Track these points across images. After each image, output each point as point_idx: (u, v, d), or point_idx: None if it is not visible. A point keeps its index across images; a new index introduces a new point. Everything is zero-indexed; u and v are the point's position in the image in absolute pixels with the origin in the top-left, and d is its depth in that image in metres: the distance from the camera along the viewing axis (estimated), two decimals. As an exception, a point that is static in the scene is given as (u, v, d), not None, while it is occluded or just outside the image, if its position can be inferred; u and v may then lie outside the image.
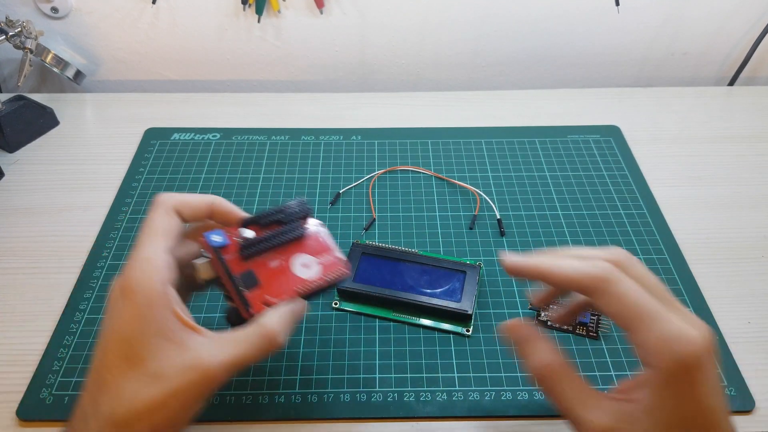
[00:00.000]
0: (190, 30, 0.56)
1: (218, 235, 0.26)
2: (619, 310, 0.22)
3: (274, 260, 0.27)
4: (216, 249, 0.26)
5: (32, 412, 0.31)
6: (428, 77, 0.60)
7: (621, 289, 0.22)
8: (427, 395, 0.32)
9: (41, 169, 0.47)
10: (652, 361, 0.22)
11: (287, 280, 0.26)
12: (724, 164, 0.48)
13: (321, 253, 0.27)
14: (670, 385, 0.21)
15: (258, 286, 0.26)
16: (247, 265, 0.26)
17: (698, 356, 0.21)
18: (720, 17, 0.57)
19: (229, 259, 0.26)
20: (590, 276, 0.23)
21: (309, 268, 0.27)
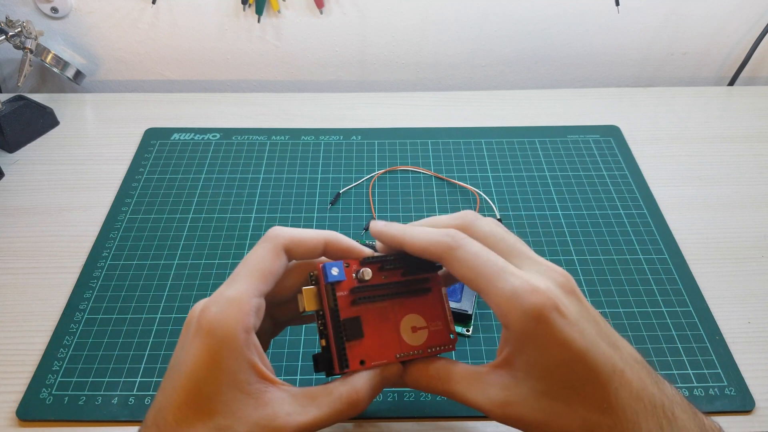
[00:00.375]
0: (190, 30, 0.56)
1: (337, 268, 0.23)
2: (466, 275, 0.22)
3: (386, 314, 0.24)
4: (332, 284, 0.23)
5: (32, 412, 0.31)
6: (428, 77, 0.60)
7: (464, 254, 0.22)
8: (427, 395, 0.32)
9: (41, 169, 0.47)
10: (505, 321, 0.22)
11: (391, 341, 0.24)
12: (724, 164, 0.48)
13: (434, 319, 0.24)
14: (528, 340, 0.21)
15: (360, 339, 0.23)
16: (355, 310, 0.23)
17: (544, 304, 0.21)
18: (720, 17, 0.57)
19: (339, 297, 0.23)
20: (436, 243, 0.23)
21: (417, 333, 0.24)
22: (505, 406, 0.22)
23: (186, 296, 0.37)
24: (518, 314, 0.21)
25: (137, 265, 0.39)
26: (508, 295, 0.21)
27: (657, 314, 0.36)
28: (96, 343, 0.35)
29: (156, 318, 0.36)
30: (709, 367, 0.34)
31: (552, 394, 0.21)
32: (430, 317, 0.24)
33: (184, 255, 0.40)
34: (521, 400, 0.22)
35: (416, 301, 0.24)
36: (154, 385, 0.32)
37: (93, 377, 0.33)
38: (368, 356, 0.23)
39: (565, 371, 0.21)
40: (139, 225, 0.42)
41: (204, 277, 0.38)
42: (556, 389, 0.21)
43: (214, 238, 0.41)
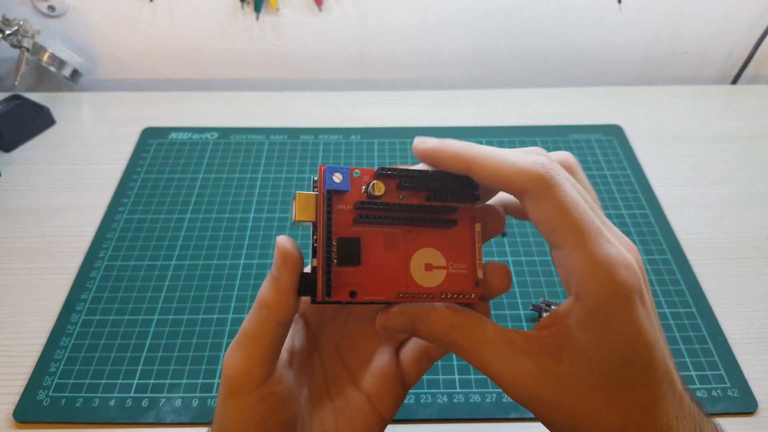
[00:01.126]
0: (188, 28, 0.56)
1: (341, 174, 0.19)
2: (553, 222, 0.18)
3: (395, 242, 0.19)
4: (329, 191, 0.19)
5: (29, 413, 0.31)
6: (428, 76, 0.60)
7: (561, 195, 0.18)
8: (427, 397, 0.32)
9: (38, 168, 0.47)
10: (582, 290, 0.18)
11: (396, 275, 0.19)
12: (727, 163, 0.47)
13: (457, 260, 0.20)
14: (601, 318, 0.18)
15: (356, 267, 0.19)
16: (356, 230, 0.19)
17: (634, 285, 0.17)
18: (722, 16, 0.56)
19: (338, 211, 0.19)
20: (527, 171, 0.18)
21: (432, 272, 0.19)
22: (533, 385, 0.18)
23: (183, 297, 0.37)
24: (603, 286, 0.17)
25: (134, 266, 0.39)
26: (601, 262, 0.17)
27: (660, 315, 0.36)
28: (93, 344, 0.34)
29: (153, 319, 0.36)
30: (711, 368, 0.33)
31: (598, 383, 0.18)
32: (452, 256, 0.20)
33: (182, 255, 0.39)
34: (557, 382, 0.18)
35: (438, 234, 0.19)
36: (151, 387, 0.32)
37: (90, 379, 0.33)
38: (362, 288, 0.19)
39: (625, 362, 0.18)
40: (136, 225, 0.42)
41: (202, 278, 0.38)
42: (605, 379, 0.18)
43: (212, 239, 0.41)
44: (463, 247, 0.20)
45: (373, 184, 0.19)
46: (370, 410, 0.22)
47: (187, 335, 0.35)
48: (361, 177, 0.19)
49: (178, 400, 0.32)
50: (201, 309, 0.36)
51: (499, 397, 0.32)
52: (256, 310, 0.20)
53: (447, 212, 0.20)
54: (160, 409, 0.31)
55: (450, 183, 0.19)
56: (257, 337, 0.20)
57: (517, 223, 0.42)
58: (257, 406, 0.20)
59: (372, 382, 0.23)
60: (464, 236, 0.20)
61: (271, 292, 0.19)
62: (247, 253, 0.40)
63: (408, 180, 0.19)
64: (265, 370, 0.20)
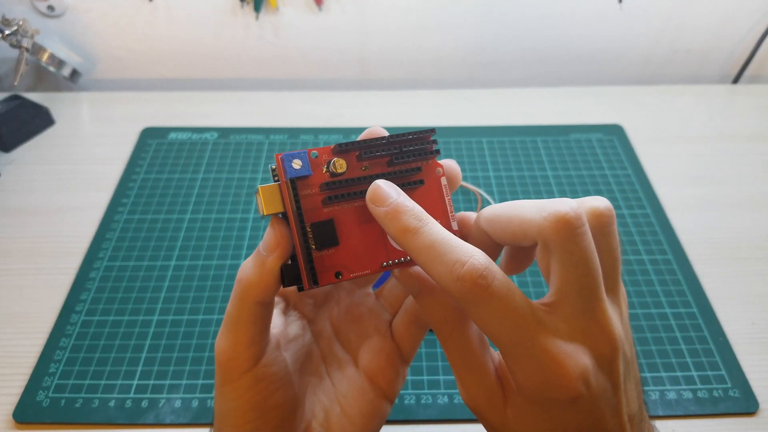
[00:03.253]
0: (187, 28, 0.55)
1: (299, 160, 0.18)
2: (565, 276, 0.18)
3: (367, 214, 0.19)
4: (292, 180, 0.18)
5: (29, 414, 0.31)
6: (428, 75, 0.60)
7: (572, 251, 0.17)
8: (428, 398, 0.32)
9: (37, 169, 0.47)
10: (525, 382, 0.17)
11: (375, 247, 0.19)
12: (729, 163, 0.47)
13: (431, 214, 0.19)
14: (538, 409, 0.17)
15: (335, 248, 0.19)
16: (327, 211, 0.19)
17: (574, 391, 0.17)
18: (723, 14, 0.56)
19: (305, 196, 0.18)
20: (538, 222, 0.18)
21: None
22: (483, 409, 0.19)
23: (183, 297, 0.37)
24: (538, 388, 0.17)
25: (134, 266, 0.39)
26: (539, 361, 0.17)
27: (661, 315, 0.36)
28: (93, 345, 0.34)
29: (153, 320, 0.35)
30: (713, 368, 0.33)
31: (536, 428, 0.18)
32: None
33: (182, 255, 0.39)
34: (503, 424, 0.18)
35: (408, 195, 0.19)
36: (150, 388, 0.32)
37: (90, 379, 0.32)
38: (346, 267, 0.19)
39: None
40: (136, 225, 0.42)
41: (201, 278, 0.38)
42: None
43: (211, 239, 0.41)
44: (434, 203, 0.20)
45: (334, 162, 0.19)
46: (371, 389, 0.22)
47: (186, 336, 0.35)
48: (320, 157, 0.19)
49: (178, 401, 0.32)
50: (201, 309, 0.36)
51: (499, 398, 0.32)
52: (236, 291, 0.20)
53: (412, 173, 0.20)
54: (160, 410, 0.31)
55: (409, 144, 0.20)
56: (240, 319, 0.20)
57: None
58: (251, 389, 0.20)
59: (370, 358, 0.23)
60: (433, 192, 0.20)
61: (255, 270, 0.19)
62: (247, 253, 0.40)
63: (367, 150, 0.19)
64: (254, 351, 0.20)
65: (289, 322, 0.23)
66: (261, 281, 0.19)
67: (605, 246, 0.18)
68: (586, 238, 0.17)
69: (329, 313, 0.24)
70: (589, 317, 0.17)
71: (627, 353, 0.18)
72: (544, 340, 0.17)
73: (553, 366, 0.17)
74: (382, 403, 0.23)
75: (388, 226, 0.18)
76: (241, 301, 0.20)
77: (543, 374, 0.17)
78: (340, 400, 0.23)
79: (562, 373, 0.17)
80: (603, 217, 0.18)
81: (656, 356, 0.34)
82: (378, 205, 0.18)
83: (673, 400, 0.32)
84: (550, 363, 0.17)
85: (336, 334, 0.24)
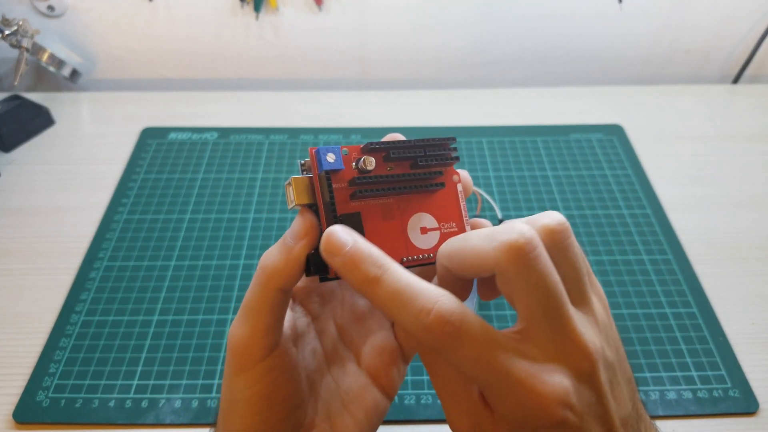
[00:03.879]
0: (187, 28, 0.55)
1: (333, 154, 0.19)
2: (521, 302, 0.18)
3: (391, 211, 0.20)
4: (327, 173, 0.19)
5: (29, 414, 0.31)
6: (428, 75, 0.60)
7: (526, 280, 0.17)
8: (428, 398, 0.32)
9: (37, 169, 0.47)
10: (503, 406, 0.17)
11: (397, 243, 0.20)
12: (728, 163, 0.47)
13: (447, 220, 0.21)
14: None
15: None
16: (354, 205, 0.20)
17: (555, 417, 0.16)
18: (723, 14, 0.56)
19: (336, 189, 0.20)
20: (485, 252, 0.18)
21: (427, 234, 0.21)
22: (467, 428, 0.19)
23: (183, 297, 0.37)
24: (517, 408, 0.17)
25: (134, 266, 0.39)
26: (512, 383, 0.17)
27: (660, 315, 0.36)
28: (93, 345, 0.34)
29: (153, 320, 0.35)
30: (713, 368, 0.33)
31: None
32: (442, 217, 0.21)
33: (182, 255, 0.39)
34: None
35: (427, 199, 0.21)
36: (150, 388, 0.32)
37: (90, 379, 0.32)
38: None
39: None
40: (136, 225, 0.42)
41: (202, 278, 0.38)
42: None
43: (211, 239, 0.41)
44: (450, 207, 0.21)
45: (364, 159, 0.20)
46: (373, 387, 0.23)
47: (186, 336, 0.35)
48: (350, 154, 0.20)
49: (178, 401, 0.32)
50: (201, 309, 0.36)
51: (499, 398, 0.32)
52: (259, 278, 0.20)
53: (434, 177, 0.21)
54: (160, 410, 0.31)
55: (432, 149, 0.21)
56: (260, 306, 0.20)
57: (517, 223, 0.42)
58: (263, 379, 0.20)
59: (372, 357, 0.23)
60: (450, 197, 0.21)
61: (281, 257, 0.19)
62: (247, 253, 0.40)
63: (395, 151, 0.20)
64: (270, 340, 0.20)
65: (295, 318, 0.23)
66: (286, 268, 0.19)
67: (564, 260, 0.18)
68: (541, 260, 0.17)
69: (333, 311, 0.24)
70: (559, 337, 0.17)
71: (609, 358, 0.18)
72: (518, 370, 0.17)
73: (531, 395, 0.17)
74: (382, 399, 0.23)
75: (348, 278, 0.18)
76: (264, 287, 0.20)
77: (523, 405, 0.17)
78: (342, 396, 0.23)
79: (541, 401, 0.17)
80: (556, 234, 0.18)
81: (656, 356, 0.34)
82: (334, 255, 0.18)
83: (673, 400, 0.32)
84: (528, 393, 0.17)
85: (339, 333, 0.24)
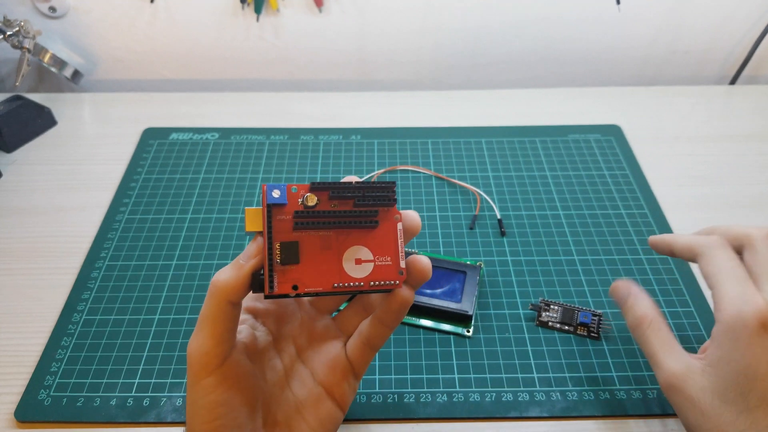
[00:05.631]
0: (189, 29, 0.56)
1: (279, 191, 0.23)
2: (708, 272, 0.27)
3: (329, 242, 0.23)
4: (269, 206, 0.23)
5: (30, 413, 0.31)
6: (428, 76, 0.60)
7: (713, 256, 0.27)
8: (427, 396, 0.32)
9: (39, 169, 0.47)
10: (719, 315, 0.25)
11: (330, 270, 0.23)
12: (726, 163, 0.48)
13: (383, 254, 0.23)
14: (729, 339, 0.24)
15: (295, 265, 0.23)
16: (296, 235, 0.23)
17: (755, 315, 0.24)
18: (721, 15, 0.56)
19: (279, 221, 0.23)
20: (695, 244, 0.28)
21: (361, 265, 0.23)
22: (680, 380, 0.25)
23: (184, 297, 0.37)
24: (732, 314, 0.24)
25: (135, 266, 0.39)
26: (732, 298, 0.25)
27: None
28: (94, 344, 0.34)
29: (154, 319, 0.36)
30: (710, 367, 0.33)
31: (726, 396, 0.24)
32: (378, 251, 0.24)
33: (183, 255, 0.40)
34: (698, 386, 0.25)
35: (367, 234, 0.23)
36: (152, 386, 0.32)
37: (91, 378, 0.33)
38: (302, 282, 0.23)
39: (746, 382, 0.24)
40: (137, 225, 0.42)
41: (202, 277, 0.38)
42: (732, 394, 0.24)
43: (212, 239, 0.41)
44: (386, 243, 0.24)
45: (307, 197, 0.23)
46: (328, 399, 0.26)
47: (187, 335, 0.35)
48: (298, 191, 0.23)
49: (179, 400, 0.32)
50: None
51: (498, 396, 0.32)
52: (211, 292, 0.23)
53: (370, 215, 0.23)
54: (161, 409, 0.31)
55: (371, 192, 0.24)
56: (213, 317, 0.23)
57: (516, 223, 0.42)
58: (219, 386, 0.23)
59: (326, 373, 0.27)
60: (387, 234, 0.24)
61: (234, 272, 0.23)
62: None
63: (336, 191, 0.23)
64: (223, 349, 0.23)
65: (257, 336, 0.26)
66: (236, 282, 0.22)
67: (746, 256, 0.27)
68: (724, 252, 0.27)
69: (292, 333, 0.27)
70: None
71: None
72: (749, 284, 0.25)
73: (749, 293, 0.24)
74: (336, 411, 0.27)
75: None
76: (216, 300, 0.23)
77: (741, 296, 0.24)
78: (299, 407, 0.26)
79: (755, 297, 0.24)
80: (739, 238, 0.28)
81: (654, 355, 0.34)
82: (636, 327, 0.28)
83: (671, 398, 0.32)
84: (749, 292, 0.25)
85: (297, 351, 0.27)
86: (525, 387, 0.32)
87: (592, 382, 0.32)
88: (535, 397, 0.32)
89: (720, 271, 0.26)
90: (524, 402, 0.32)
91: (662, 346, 0.27)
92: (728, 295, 0.25)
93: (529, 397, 0.32)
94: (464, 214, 0.43)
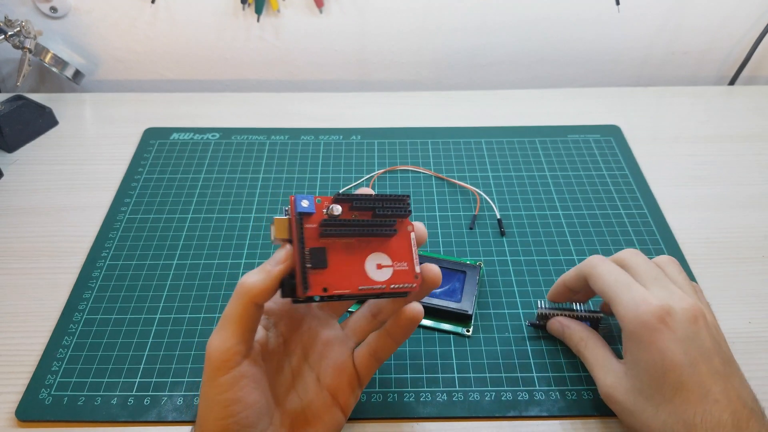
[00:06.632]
0: (189, 29, 0.56)
1: (307, 200, 0.25)
2: (599, 288, 0.29)
3: (352, 249, 0.25)
4: (300, 214, 0.24)
5: (31, 412, 0.31)
6: (428, 76, 0.60)
7: (598, 272, 0.29)
8: (427, 396, 0.32)
9: (40, 169, 0.47)
10: (622, 323, 0.27)
11: (355, 274, 0.25)
12: (725, 164, 0.48)
13: (400, 260, 0.26)
14: (634, 340, 0.27)
15: (324, 269, 0.24)
16: (322, 242, 0.25)
17: (653, 314, 0.26)
18: (720, 16, 0.57)
19: (307, 228, 0.24)
20: (581, 266, 0.31)
21: (381, 270, 0.25)
22: (611, 389, 0.28)
23: (185, 296, 0.37)
24: (631, 318, 0.27)
25: (136, 265, 0.39)
26: (626, 303, 0.27)
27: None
28: (95, 343, 0.34)
29: (155, 318, 0.36)
30: (709, 367, 0.33)
31: (645, 393, 0.26)
32: (396, 257, 0.26)
33: (184, 255, 0.40)
34: (623, 390, 0.27)
35: (385, 242, 0.26)
36: (153, 386, 0.32)
37: (92, 377, 0.33)
38: (331, 285, 0.24)
39: (657, 377, 0.26)
40: (138, 225, 0.42)
41: (203, 277, 0.38)
42: (648, 390, 0.26)
43: (213, 238, 0.41)
44: (402, 250, 0.26)
45: (333, 207, 0.25)
46: (332, 403, 0.27)
47: (188, 334, 0.35)
48: (322, 202, 0.25)
49: (180, 399, 0.32)
50: (202, 308, 0.36)
51: (497, 396, 0.32)
52: (238, 294, 0.24)
53: (389, 224, 0.26)
54: (162, 408, 0.32)
55: (389, 203, 0.26)
56: (239, 318, 0.24)
57: (516, 223, 0.42)
58: (236, 384, 0.23)
59: (332, 377, 0.27)
60: (403, 242, 0.26)
61: (262, 276, 0.24)
62: (248, 252, 0.40)
63: (358, 202, 0.25)
64: (243, 349, 0.24)
65: (269, 337, 0.27)
66: (264, 285, 0.23)
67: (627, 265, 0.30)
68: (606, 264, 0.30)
69: (302, 337, 0.28)
70: (661, 285, 0.29)
71: (708, 319, 0.28)
72: (636, 287, 0.28)
73: (641, 295, 0.27)
74: (338, 414, 0.27)
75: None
76: (242, 300, 0.23)
77: (634, 300, 0.27)
78: (304, 409, 0.27)
79: (647, 298, 0.27)
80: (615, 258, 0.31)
81: (653, 355, 0.34)
82: None
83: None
84: (639, 294, 0.27)
85: (305, 355, 0.28)
86: (524, 386, 0.32)
87: (591, 382, 0.32)
88: (535, 397, 0.32)
89: (609, 283, 0.28)
90: (524, 401, 0.32)
91: (596, 361, 0.29)
92: (623, 302, 0.27)
93: (528, 397, 0.32)
94: (464, 214, 0.43)
